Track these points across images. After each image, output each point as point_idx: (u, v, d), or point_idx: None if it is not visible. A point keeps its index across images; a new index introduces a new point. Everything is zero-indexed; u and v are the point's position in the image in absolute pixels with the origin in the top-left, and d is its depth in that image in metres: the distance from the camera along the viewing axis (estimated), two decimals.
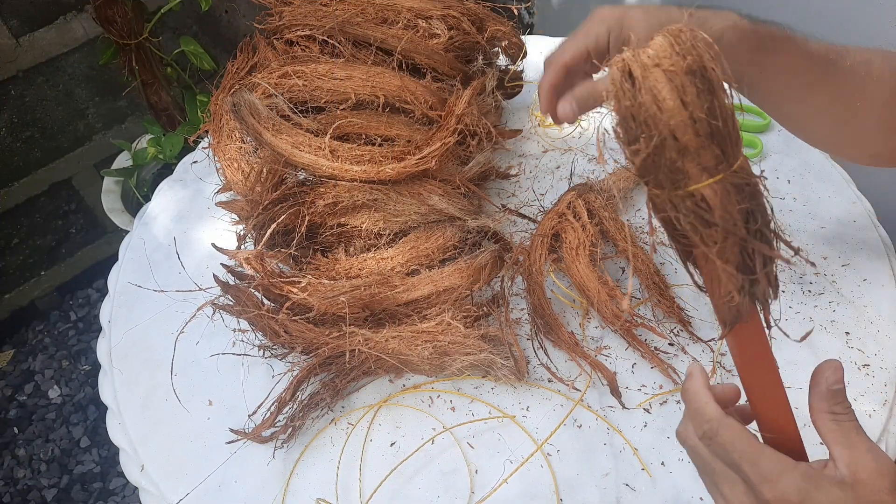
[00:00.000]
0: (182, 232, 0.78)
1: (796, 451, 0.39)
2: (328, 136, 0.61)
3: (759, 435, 0.38)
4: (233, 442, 0.58)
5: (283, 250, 0.61)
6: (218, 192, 0.76)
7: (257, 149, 0.71)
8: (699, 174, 0.30)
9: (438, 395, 0.61)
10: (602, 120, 0.37)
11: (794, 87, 0.53)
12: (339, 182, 0.62)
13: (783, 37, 0.50)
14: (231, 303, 0.58)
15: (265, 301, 0.58)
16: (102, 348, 0.69)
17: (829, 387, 0.37)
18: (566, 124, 0.87)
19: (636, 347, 0.61)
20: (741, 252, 0.32)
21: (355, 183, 0.61)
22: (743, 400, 0.40)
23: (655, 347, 0.62)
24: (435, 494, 0.55)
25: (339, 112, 0.65)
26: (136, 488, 0.60)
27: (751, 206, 0.31)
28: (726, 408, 0.39)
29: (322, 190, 0.63)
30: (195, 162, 0.86)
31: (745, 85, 0.51)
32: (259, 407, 0.58)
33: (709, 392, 0.38)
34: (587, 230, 0.64)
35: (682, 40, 0.29)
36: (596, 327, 0.65)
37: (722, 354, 0.62)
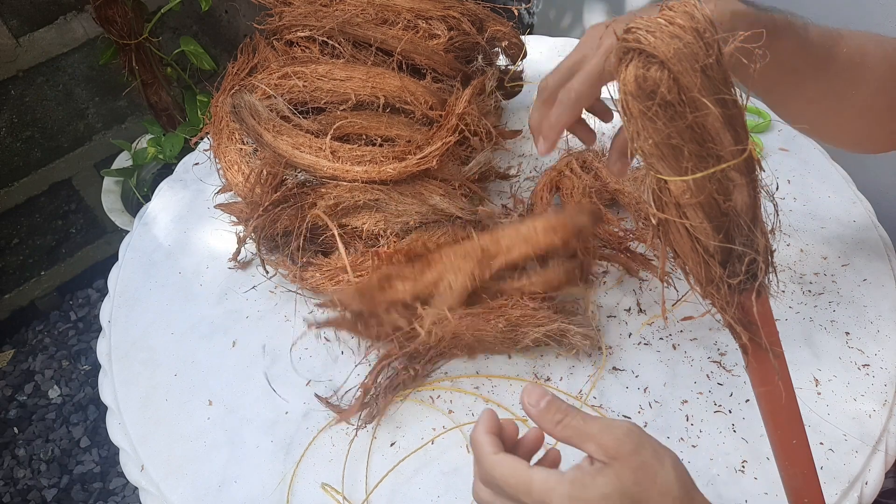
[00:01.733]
0: (182, 232, 0.78)
1: (812, 486, 0.41)
2: (329, 136, 0.61)
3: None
4: (324, 404, 0.60)
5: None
6: (217, 193, 0.77)
7: (257, 150, 0.71)
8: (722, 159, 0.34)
9: (438, 395, 0.61)
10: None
11: (788, 75, 0.53)
12: (339, 182, 0.62)
13: (784, 24, 0.50)
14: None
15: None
16: (102, 348, 0.69)
17: (538, 409, 0.39)
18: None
19: (631, 262, 0.65)
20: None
21: (356, 183, 0.61)
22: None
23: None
24: (435, 494, 0.55)
25: (339, 113, 0.65)
26: (136, 488, 0.60)
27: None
28: (511, 443, 0.41)
29: (323, 191, 0.63)
30: (196, 164, 0.87)
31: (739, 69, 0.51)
32: (337, 390, 0.59)
33: (488, 435, 0.40)
34: (582, 179, 0.70)
35: (647, 77, 0.33)
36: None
37: (722, 354, 0.62)
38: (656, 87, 0.33)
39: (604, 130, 0.86)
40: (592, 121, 0.87)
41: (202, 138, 0.88)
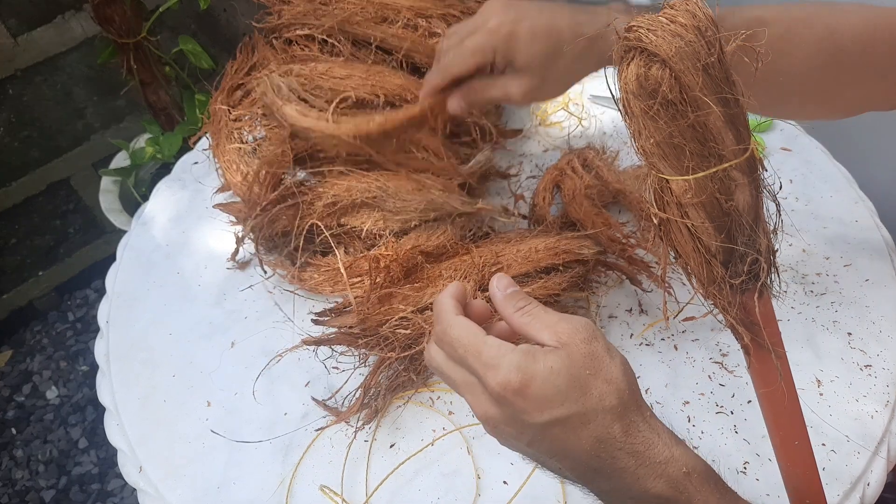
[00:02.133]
0: (180, 232, 0.78)
1: (814, 488, 0.41)
2: (333, 104, 0.62)
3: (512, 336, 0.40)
4: (321, 407, 0.60)
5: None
6: (216, 192, 0.76)
7: (256, 150, 0.71)
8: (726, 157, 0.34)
9: (439, 397, 0.61)
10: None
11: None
12: (336, 183, 0.62)
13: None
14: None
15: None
16: (100, 349, 0.68)
17: (504, 293, 0.40)
18: (565, 123, 0.87)
19: (633, 268, 0.64)
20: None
21: (352, 141, 0.61)
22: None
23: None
24: (435, 496, 0.55)
25: (338, 112, 0.65)
26: (135, 489, 0.59)
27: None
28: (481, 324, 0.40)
29: (321, 190, 0.63)
30: (196, 163, 0.86)
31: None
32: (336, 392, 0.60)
33: (452, 300, 0.40)
34: (583, 178, 0.70)
35: (648, 77, 0.33)
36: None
37: (724, 355, 0.61)
38: (658, 86, 0.33)
39: (604, 130, 0.86)
40: (592, 120, 0.87)
41: (200, 138, 0.88)
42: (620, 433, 0.35)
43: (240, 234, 0.70)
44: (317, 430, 0.59)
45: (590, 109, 0.88)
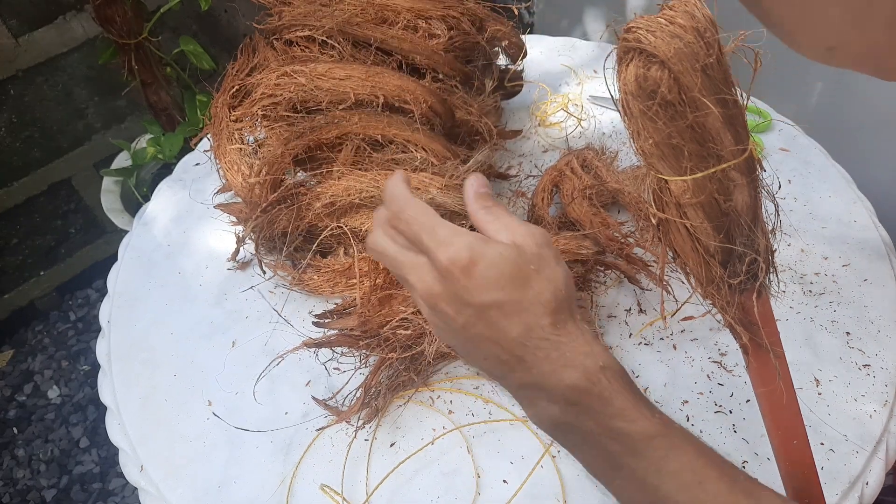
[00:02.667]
0: (181, 232, 0.78)
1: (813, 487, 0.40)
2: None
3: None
4: (322, 407, 0.60)
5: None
6: (216, 193, 0.76)
7: (257, 150, 0.71)
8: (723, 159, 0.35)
9: (439, 396, 0.61)
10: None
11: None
12: (335, 183, 0.62)
13: None
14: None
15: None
16: (102, 349, 0.69)
17: (477, 191, 0.40)
18: (564, 124, 0.87)
19: (631, 267, 0.64)
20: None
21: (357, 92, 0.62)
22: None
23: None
24: (435, 495, 0.55)
25: (338, 112, 0.65)
26: (136, 489, 0.60)
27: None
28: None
29: (319, 190, 0.63)
30: (197, 164, 0.86)
31: None
32: (337, 393, 0.60)
33: (405, 184, 0.40)
34: (582, 179, 0.70)
35: (647, 76, 0.34)
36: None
37: (722, 355, 0.62)
38: (657, 87, 0.33)
39: (603, 130, 0.86)
40: (591, 121, 0.88)
41: (202, 139, 0.88)
42: (549, 325, 0.37)
43: (240, 235, 0.70)
44: (317, 430, 0.59)
45: (589, 110, 0.89)
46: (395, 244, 0.40)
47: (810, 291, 0.66)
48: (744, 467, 0.55)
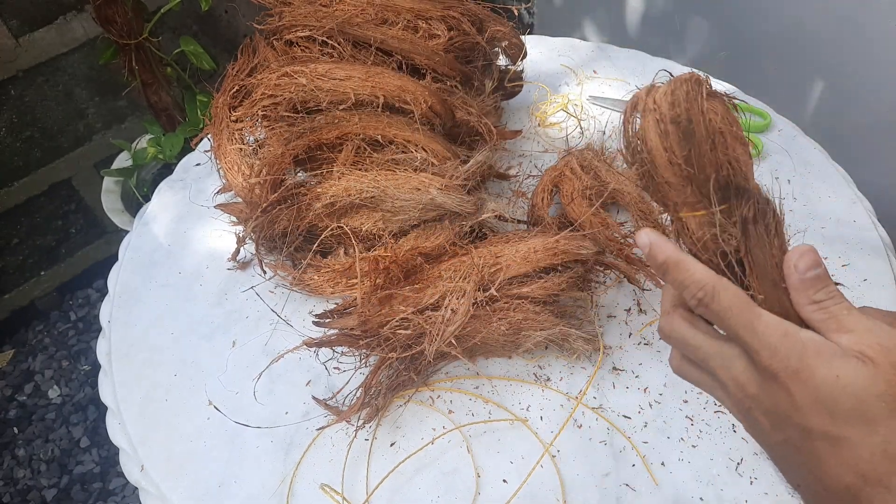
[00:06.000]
0: (182, 232, 0.78)
1: None
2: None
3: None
4: (322, 406, 0.60)
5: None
6: (217, 193, 0.77)
7: (257, 150, 0.71)
8: (682, 207, 0.34)
9: (439, 396, 0.61)
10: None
11: None
12: (335, 183, 0.62)
13: None
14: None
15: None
16: (102, 348, 0.69)
17: (802, 276, 0.33)
18: (564, 124, 0.87)
19: (631, 267, 0.64)
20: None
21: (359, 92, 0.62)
22: None
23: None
24: (435, 495, 0.55)
25: (338, 112, 0.65)
26: (136, 488, 0.60)
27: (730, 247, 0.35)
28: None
29: (319, 190, 0.63)
30: (198, 164, 0.87)
31: None
32: (338, 393, 0.60)
33: (688, 255, 0.34)
34: (582, 179, 0.70)
35: (678, 92, 0.32)
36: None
37: None
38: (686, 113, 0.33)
39: (603, 130, 0.86)
40: (591, 121, 0.88)
41: (202, 139, 0.88)
42: None
43: (241, 235, 0.70)
44: (318, 429, 0.59)
45: (589, 110, 0.89)
46: (698, 331, 0.34)
47: None
48: (743, 467, 0.55)
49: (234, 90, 0.72)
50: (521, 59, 0.82)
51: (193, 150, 0.89)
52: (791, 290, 0.33)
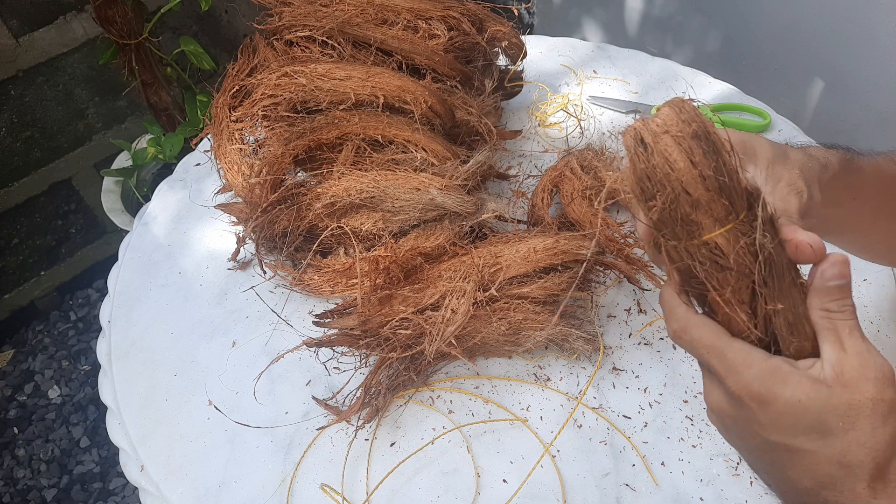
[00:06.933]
0: (182, 232, 0.78)
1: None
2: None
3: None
4: (322, 406, 0.60)
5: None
6: (217, 193, 0.77)
7: (257, 150, 0.71)
8: (712, 225, 0.33)
9: (439, 396, 0.61)
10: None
11: (865, 208, 0.49)
12: (335, 183, 0.62)
13: (856, 157, 0.48)
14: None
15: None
16: (102, 348, 0.69)
17: (825, 282, 0.34)
18: (564, 124, 0.87)
19: (631, 267, 0.64)
20: (752, 293, 0.35)
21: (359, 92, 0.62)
22: None
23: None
24: (435, 495, 0.55)
25: (338, 112, 0.65)
26: (136, 488, 0.60)
27: (763, 252, 0.34)
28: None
29: (319, 190, 0.63)
30: (198, 164, 0.87)
31: (831, 209, 0.44)
32: (338, 393, 0.60)
33: (677, 297, 0.37)
34: (582, 179, 0.70)
35: (686, 110, 0.33)
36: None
37: None
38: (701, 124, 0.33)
39: (603, 130, 0.86)
40: (591, 121, 0.88)
41: (202, 139, 0.88)
42: (866, 493, 0.31)
43: (241, 235, 0.70)
44: (318, 429, 0.59)
45: (589, 110, 0.89)
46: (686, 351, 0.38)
47: None
48: (742, 467, 0.55)
49: (234, 90, 0.72)
50: (521, 59, 0.82)
51: (193, 150, 0.89)
52: (810, 291, 0.35)
